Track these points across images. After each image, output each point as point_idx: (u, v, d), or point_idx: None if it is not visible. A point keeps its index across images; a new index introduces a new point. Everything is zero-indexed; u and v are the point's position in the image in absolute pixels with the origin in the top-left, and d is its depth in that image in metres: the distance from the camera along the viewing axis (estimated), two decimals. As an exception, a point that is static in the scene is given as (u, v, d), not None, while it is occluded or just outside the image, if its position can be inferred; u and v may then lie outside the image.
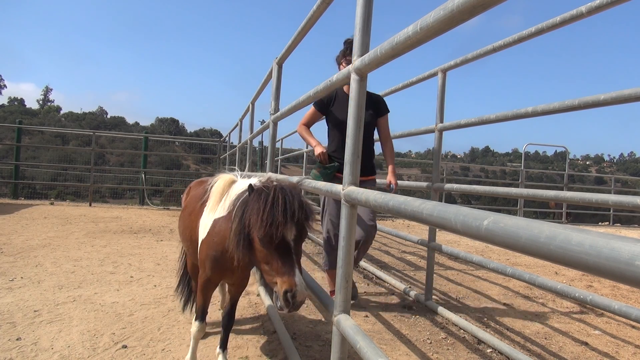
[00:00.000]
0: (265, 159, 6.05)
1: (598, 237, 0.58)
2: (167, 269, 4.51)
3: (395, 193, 2.96)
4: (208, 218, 2.13)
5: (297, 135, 4.89)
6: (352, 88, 1.57)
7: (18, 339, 2.58)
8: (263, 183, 1.82)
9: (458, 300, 3.96)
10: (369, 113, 3.31)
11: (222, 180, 2.20)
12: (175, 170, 23.01)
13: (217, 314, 3.10)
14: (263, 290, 3.65)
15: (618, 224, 14.21)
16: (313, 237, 7.01)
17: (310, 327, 3.08)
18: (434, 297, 3.87)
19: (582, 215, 16.34)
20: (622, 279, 0.54)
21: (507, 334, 3.16)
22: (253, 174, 2.68)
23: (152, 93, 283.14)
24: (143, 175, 12.66)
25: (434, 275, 4.18)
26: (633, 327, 3.49)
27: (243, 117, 7.05)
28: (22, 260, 4.48)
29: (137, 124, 79.50)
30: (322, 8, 2.18)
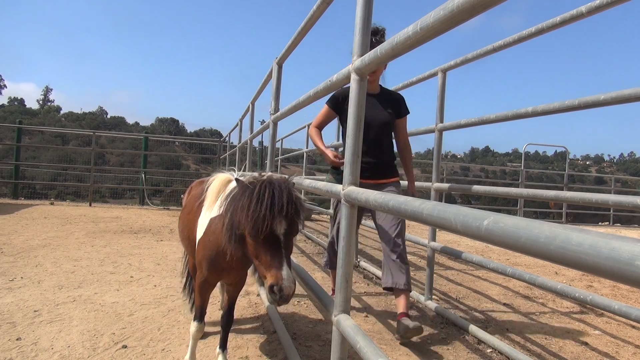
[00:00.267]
0: (265, 159, 6.05)
1: (598, 237, 0.58)
2: (167, 269, 4.51)
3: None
4: (205, 217, 2.14)
5: (297, 135, 4.85)
6: (352, 88, 1.56)
7: (18, 339, 2.58)
8: (251, 177, 1.82)
9: (458, 300, 3.96)
10: (388, 112, 3.12)
11: (218, 180, 2.20)
12: (175, 170, 23.01)
13: (217, 314, 3.10)
14: (263, 291, 3.66)
15: (618, 224, 14.22)
16: (313, 237, 7.01)
17: (310, 327, 3.08)
18: (434, 297, 3.87)
19: (582, 215, 16.35)
20: (622, 279, 0.54)
21: (507, 334, 3.16)
22: (249, 174, 2.68)
23: (152, 93, 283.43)
24: (143, 175, 12.68)
25: (434, 275, 4.18)
26: (633, 327, 3.49)
27: (243, 117, 7.05)
28: (22, 260, 4.48)
29: (137, 124, 79.63)
30: (322, 8, 2.18)
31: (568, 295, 2.45)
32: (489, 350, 2.83)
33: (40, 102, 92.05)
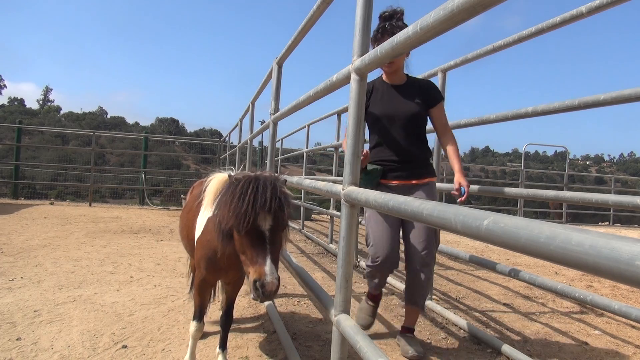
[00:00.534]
0: (265, 159, 6.05)
1: (598, 237, 0.58)
2: (167, 269, 4.51)
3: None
4: (203, 217, 2.15)
5: (297, 135, 4.81)
6: (352, 88, 1.56)
7: (18, 339, 2.58)
8: (240, 174, 1.81)
9: (458, 300, 3.96)
10: (416, 102, 2.75)
11: (216, 180, 2.21)
12: (175, 170, 23.01)
13: (217, 314, 3.09)
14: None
15: (618, 224, 14.22)
16: (313, 237, 7.01)
17: (310, 327, 3.08)
18: (434, 297, 3.87)
19: (582, 215, 16.35)
20: (622, 279, 0.54)
21: (507, 334, 3.16)
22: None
23: (152, 93, 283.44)
24: (143, 175, 12.68)
25: (434, 275, 4.18)
26: (633, 327, 3.49)
27: (243, 117, 7.05)
28: (22, 260, 4.48)
29: (137, 124, 79.67)
30: (322, 8, 2.18)
31: (568, 295, 2.45)
32: (489, 350, 2.83)
33: (40, 102, 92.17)
